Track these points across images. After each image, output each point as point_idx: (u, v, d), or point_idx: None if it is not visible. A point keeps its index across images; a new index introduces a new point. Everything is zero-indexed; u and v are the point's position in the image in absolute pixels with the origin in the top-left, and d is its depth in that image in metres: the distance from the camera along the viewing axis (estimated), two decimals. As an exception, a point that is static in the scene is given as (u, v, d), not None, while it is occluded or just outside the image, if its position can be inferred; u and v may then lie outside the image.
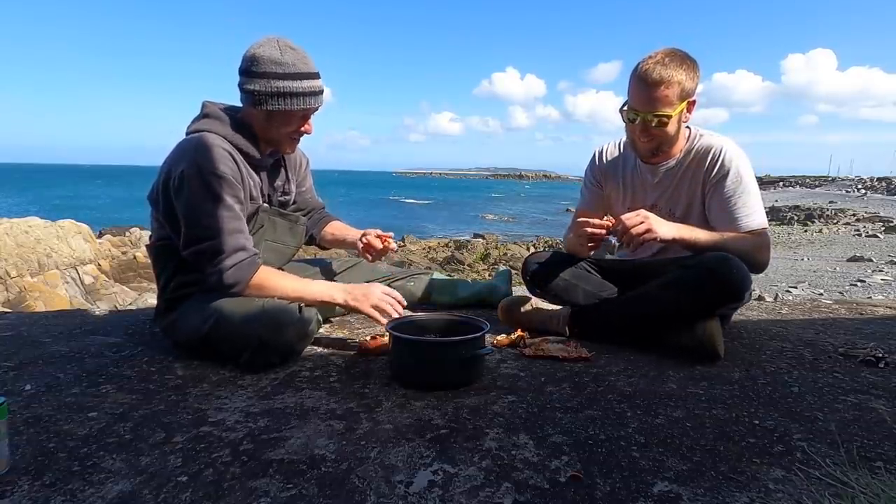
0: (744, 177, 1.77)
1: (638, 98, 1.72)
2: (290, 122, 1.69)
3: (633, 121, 1.76)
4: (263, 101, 1.63)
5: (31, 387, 1.44)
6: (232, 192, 1.59)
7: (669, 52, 1.70)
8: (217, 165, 1.56)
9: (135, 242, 13.92)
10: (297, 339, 1.61)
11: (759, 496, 0.96)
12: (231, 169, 1.60)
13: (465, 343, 1.45)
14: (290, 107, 1.64)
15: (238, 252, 1.59)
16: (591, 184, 2.08)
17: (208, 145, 1.59)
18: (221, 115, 1.69)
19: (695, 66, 1.71)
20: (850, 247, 13.02)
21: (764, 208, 1.81)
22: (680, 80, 1.67)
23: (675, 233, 1.70)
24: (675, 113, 1.70)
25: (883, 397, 1.41)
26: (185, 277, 1.70)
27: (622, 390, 1.44)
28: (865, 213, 21.68)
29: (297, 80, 1.62)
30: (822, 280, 8.73)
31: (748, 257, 1.70)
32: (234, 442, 1.15)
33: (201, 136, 1.61)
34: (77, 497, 0.95)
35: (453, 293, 2.32)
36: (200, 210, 1.56)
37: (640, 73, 1.69)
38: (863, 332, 2.03)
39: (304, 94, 1.64)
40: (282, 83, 1.61)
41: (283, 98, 1.62)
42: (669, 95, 1.67)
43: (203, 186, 1.55)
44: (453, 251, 16.03)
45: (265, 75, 1.60)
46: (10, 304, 9.01)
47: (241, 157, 1.67)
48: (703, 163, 1.81)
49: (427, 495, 0.96)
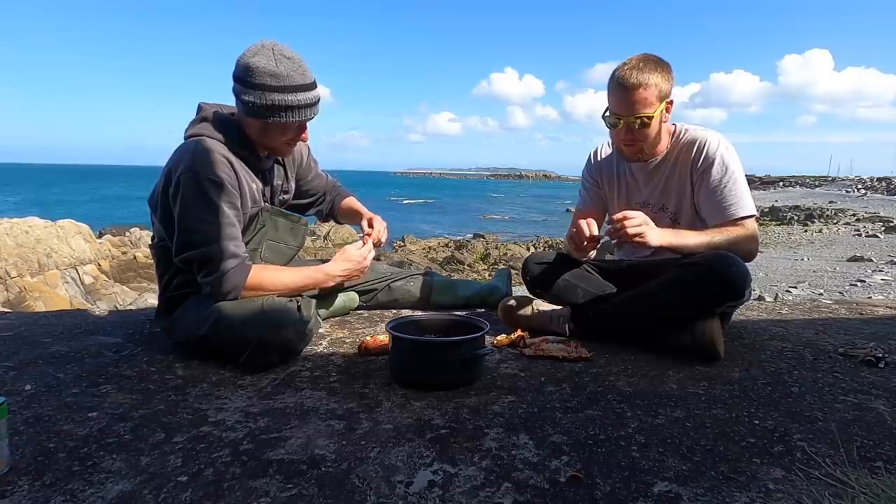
0: (729, 165, 1.80)
1: (618, 103, 1.76)
2: (286, 132, 1.69)
3: (616, 125, 1.80)
4: (259, 114, 1.62)
5: (31, 387, 1.44)
6: (228, 198, 1.60)
7: (643, 57, 1.76)
8: (214, 171, 1.57)
9: (135, 242, 13.93)
10: (296, 339, 1.61)
11: (759, 496, 0.96)
12: (228, 175, 1.61)
13: (465, 343, 1.45)
14: (285, 119, 1.63)
15: (229, 259, 1.59)
16: (588, 183, 2.12)
17: (206, 150, 1.59)
18: (219, 117, 1.70)
19: (668, 68, 1.77)
20: (850, 247, 13.01)
21: (754, 201, 1.83)
22: (656, 81, 1.72)
23: (663, 240, 1.71)
24: (656, 113, 1.75)
25: (883, 397, 1.41)
26: (187, 277, 1.70)
27: (622, 390, 1.44)
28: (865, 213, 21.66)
29: (292, 94, 1.60)
30: (822, 280, 8.73)
31: (738, 249, 1.72)
32: (234, 442, 1.15)
33: (200, 142, 1.62)
34: (77, 497, 0.95)
35: (453, 294, 2.32)
36: (195, 216, 1.57)
37: (617, 78, 1.74)
38: (863, 332, 2.03)
39: (299, 107, 1.63)
40: (277, 96, 1.59)
41: (279, 111, 1.61)
42: (648, 97, 1.72)
43: (199, 192, 1.56)
44: (453, 251, 16.03)
45: (260, 87, 1.58)
46: (10, 304, 9.01)
47: (239, 163, 1.67)
48: (689, 155, 1.85)
49: (427, 495, 0.96)
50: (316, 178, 2.11)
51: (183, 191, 1.55)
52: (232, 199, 1.61)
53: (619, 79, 1.73)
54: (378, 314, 2.23)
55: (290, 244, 1.89)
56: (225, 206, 1.59)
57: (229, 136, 1.67)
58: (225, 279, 1.58)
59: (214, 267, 1.57)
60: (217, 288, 1.59)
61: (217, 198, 1.57)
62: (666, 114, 1.81)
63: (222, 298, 1.60)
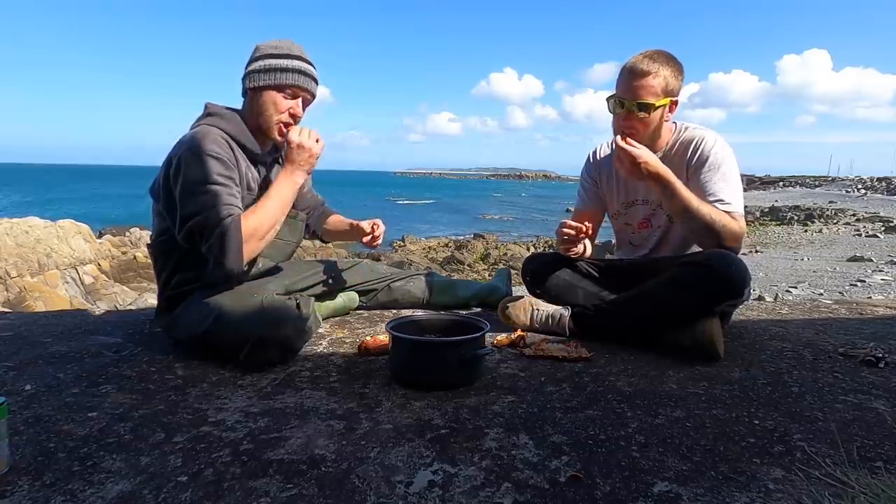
0: (722, 164, 1.80)
1: (624, 87, 1.77)
2: (279, 101, 1.71)
3: (617, 110, 1.80)
4: (254, 78, 1.71)
5: (31, 387, 1.44)
6: (225, 171, 1.61)
7: (658, 50, 1.78)
8: (211, 146, 1.60)
9: (135, 242, 13.92)
10: (295, 336, 1.61)
11: (759, 496, 0.96)
12: (226, 152, 1.64)
13: (465, 343, 1.45)
14: (277, 80, 1.69)
15: (226, 219, 1.55)
16: (587, 183, 2.12)
17: (205, 132, 1.64)
18: (224, 112, 1.74)
19: (680, 67, 1.77)
20: (850, 247, 13.01)
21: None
22: (665, 74, 1.73)
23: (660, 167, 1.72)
24: (659, 104, 1.75)
25: (883, 397, 1.41)
26: (186, 275, 1.71)
27: (622, 390, 1.44)
28: (865, 213, 21.65)
29: (285, 59, 1.70)
30: (822, 280, 8.73)
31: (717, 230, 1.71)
32: (234, 442, 1.15)
33: (200, 127, 1.67)
34: (77, 497, 0.95)
35: (453, 294, 2.33)
36: (192, 187, 1.57)
37: (629, 64, 1.77)
38: (863, 332, 2.03)
39: (291, 70, 1.70)
40: (272, 60, 1.70)
41: (271, 73, 1.69)
42: (654, 86, 1.73)
43: (196, 165, 1.58)
44: (453, 251, 16.03)
45: (259, 58, 1.71)
46: (10, 304, 9.01)
47: (239, 149, 1.71)
48: (686, 152, 1.86)
49: (427, 495, 0.96)
50: (309, 193, 2.14)
51: (182, 167, 1.58)
52: (230, 173, 1.62)
53: (630, 64, 1.76)
54: (378, 314, 2.23)
55: (287, 240, 1.91)
56: (221, 178, 1.59)
57: (232, 126, 1.71)
58: (225, 238, 1.54)
59: (211, 230, 1.54)
60: (220, 251, 1.54)
61: (214, 170, 1.58)
62: (669, 112, 1.82)
63: (228, 264, 1.55)
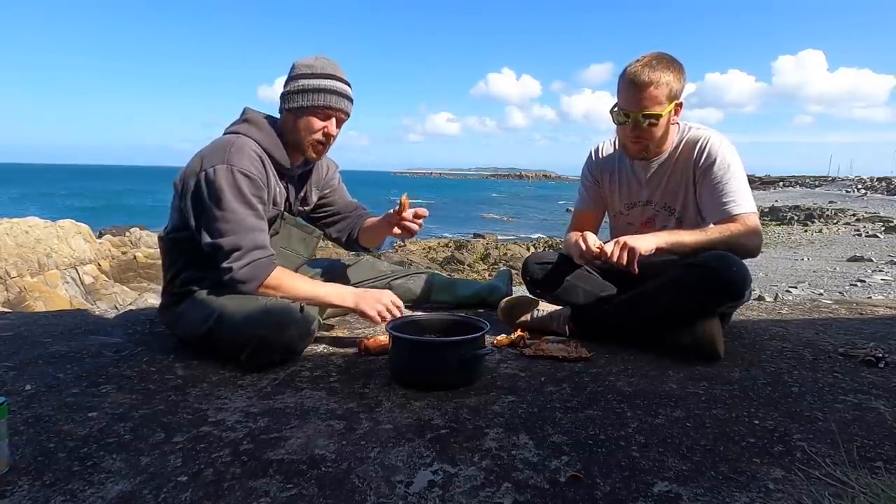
0: (731, 164, 1.79)
1: (628, 99, 1.75)
2: (313, 122, 1.74)
3: (624, 122, 1.78)
4: (290, 99, 1.74)
5: (31, 387, 1.44)
6: (258, 192, 1.66)
7: (657, 55, 1.74)
8: (247, 166, 1.64)
9: (135, 242, 13.91)
10: (298, 339, 1.61)
11: (759, 496, 0.96)
12: (259, 172, 1.67)
13: (465, 343, 1.45)
14: (310, 102, 1.72)
15: (256, 250, 1.63)
16: (588, 182, 2.10)
17: (241, 146, 1.67)
18: (261, 121, 1.77)
19: (681, 68, 1.75)
20: (850, 247, 13.01)
21: (754, 199, 1.83)
22: (668, 80, 1.71)
23: (656, 243, 1.71)
24: (665, 112, 1.74)
25: (883, 397, 1.41)
26: (193, 273, 1.72)
27: (622, 390, 1.44)
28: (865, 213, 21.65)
29: (319, 79, 1.72)
30: (822, 280, 8.72)
31: (738, 246, 1.72)
32: (234, 442, 1.15)
33: (237, 138, 1.70)
34: (77, 497, 0.95)
35: (453, 293, 2.33)
36: (227, 206, 1.60)
37: (629, 75, 1.73)
38: (863, 332, 2.03)
39: (323, 91, 1.72)
40: (306, 81, 1.73)
41: (306, 94, 1.72)
42: (658, 96, 1.71)
43: (232, 184, 1.61)
44: (453, 251, 16.02)
45: (295, 77, 1.74)
46: (10, 304, 9.01)
47: (270, 164, 1.74)
48: (691, 153, 1.85)
49: (427, 495, 0.96)
50: (335, 194, 2.09)
51: (217, 181, 1.60)
52: (262, 195, 1.68)
53: (630, 75, 1.72)
54: (378, 314, 2.23)
55: (299, 253, 1.93)
56: (255, 200, 1.65)
57: (266, 138, 1.74)
58: (250, 268, 1.61)
59: (242, 254, 1.61)
60: (239, 275, 1.60)
61: (249, 191, 1.63)
62: (675, 116, 1.80)
63: (239, 287, 1.62)
